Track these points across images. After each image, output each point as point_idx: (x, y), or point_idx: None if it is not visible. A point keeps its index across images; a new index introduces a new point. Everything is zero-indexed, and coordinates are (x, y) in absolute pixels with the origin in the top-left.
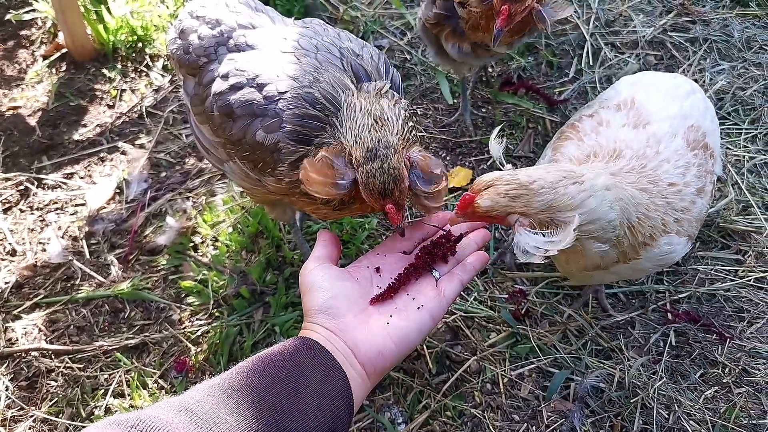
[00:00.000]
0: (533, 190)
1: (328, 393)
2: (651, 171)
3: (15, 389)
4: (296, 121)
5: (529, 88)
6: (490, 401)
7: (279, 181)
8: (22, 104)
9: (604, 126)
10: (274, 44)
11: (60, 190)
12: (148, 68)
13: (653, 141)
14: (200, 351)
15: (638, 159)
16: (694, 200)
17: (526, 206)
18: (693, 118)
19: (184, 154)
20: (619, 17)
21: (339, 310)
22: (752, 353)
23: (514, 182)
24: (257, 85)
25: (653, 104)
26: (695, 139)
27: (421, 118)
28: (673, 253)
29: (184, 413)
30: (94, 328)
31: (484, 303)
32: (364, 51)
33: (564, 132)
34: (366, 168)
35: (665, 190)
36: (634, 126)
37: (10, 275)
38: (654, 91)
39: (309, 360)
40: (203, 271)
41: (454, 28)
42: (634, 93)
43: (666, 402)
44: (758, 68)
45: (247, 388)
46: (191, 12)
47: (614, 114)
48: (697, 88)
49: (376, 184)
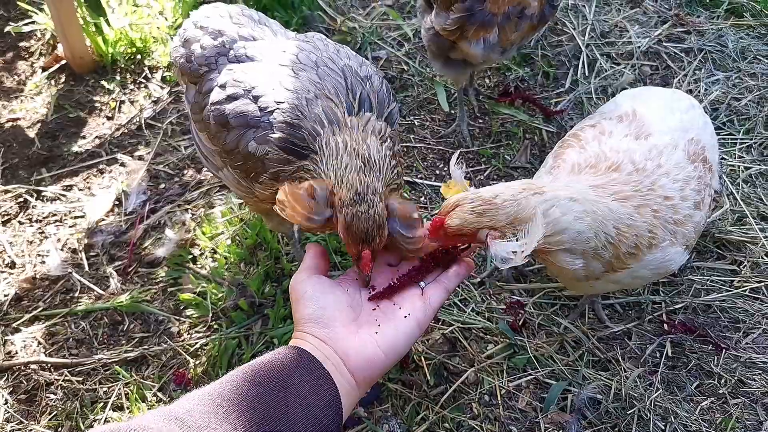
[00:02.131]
0: (497, 205)
1: (318, 403)
2: (648, 184)
3: (14, 402)
4: (287, 129)
5: (525, 98)
6: (488, 413)
7: (266, 189)
8: (21, 116)
9: (606, 135)
10: (273, 57)
11: (59, 202)
12: (147, 80)
13: (655, 153)
14: (199, 364)
15: (638, 173)
16: (691, 213)
17: (492, 220)
18: (693, 131)
19: (183, 166)
20: (614, 28)
21: (329, 319)
22: (748, 364)
23: (479, 199)
24: (252, 97)
25: (655, 116)
26: (695, 152)
27: (418, 129)
28: (670, 262)
29: (174, 422)
30: (94, 341)
31: (482, 314)
32: (364, 70)
33: (566, 141)
34: (351, 210)
35: (657, 202)
36: (636, 137)
37: (10, 288)
38: (654, 103)
39: (299, 369)
40: (202, 284)
41: (481, 20)
42: (635, 105)
43: (662, 413)
44: (753, 78)
45: (237, 398)
46: (195, 22)
47: (616, 125)
48: (695, 103)
49: (360, 228)
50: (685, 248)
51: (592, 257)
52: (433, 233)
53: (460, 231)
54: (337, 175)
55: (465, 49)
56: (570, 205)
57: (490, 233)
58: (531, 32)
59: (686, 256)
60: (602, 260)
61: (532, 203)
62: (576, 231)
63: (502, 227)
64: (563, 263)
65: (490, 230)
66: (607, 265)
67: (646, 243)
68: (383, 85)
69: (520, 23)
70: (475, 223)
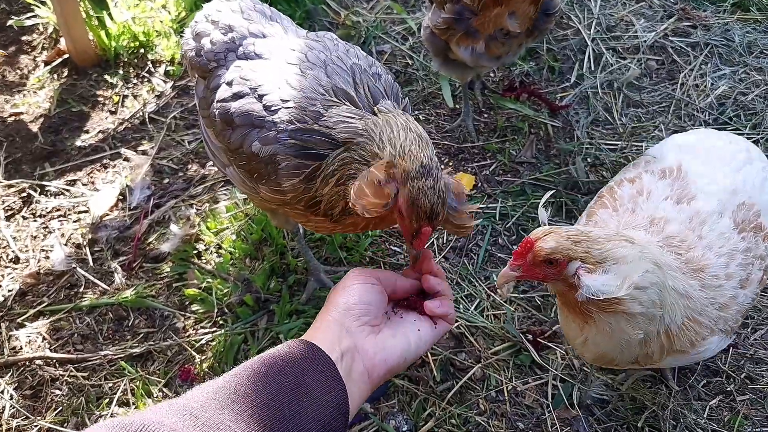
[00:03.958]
0: (593, 238)
1: (328, 403)
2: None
3: (19, 398)
4: (297, 135)
5: (531, 93)
6: (495, 408)
7: (274, 192)
8: (24, 110)
9: (643, 196)
10: (282, 55)
11: (63, 197)
12: (150, 74)
13: (696, 222)
14: (205, 359)
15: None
16: (735, 294)
17: (586, 252)
18: (746, 194)
19: (187, 161)
20: (620, 22)
21: (360, 312)
22: (756, 360)
23: (574, 229)
24: (258, 96)
25: (701, 175)
26: (745, 219)
27: (423, 124)
28: (705, 352)
29: (188, 417)
30: (99, 337)
31: (487, 312)
32: (374, 69)
33: (602, 196)
34: (417, 184)
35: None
36: (678, 200)
37: (14, 283)
38: (704, 156)
39: (313, 368)
40: (207, 279)
41: (466, 29)
42: (681, 158)
43: (672, 416)
44: (759, 73)
45: (251, 394)
46: (207, 15)
47: (657, 182)
48: (756, 153)
49: (425, 203)
50: (725, 334)
51: (636, 344)
52: (519, 256)
53: (551, 255)
54: (397, 147)
55: (456, 52)
56: (655, 269)
57: (582, 266)
58: (524, 41)
59: (725, 342)
60: (644, 350)
61: (625, 248)
62: (651, 299)
63: (593, 262)
64: (620, 328)
65: (582, 261)
66: (644, 358)
67: (700, 341)
68: (394, 84)
69: (507, 41)
70: (569, 250)
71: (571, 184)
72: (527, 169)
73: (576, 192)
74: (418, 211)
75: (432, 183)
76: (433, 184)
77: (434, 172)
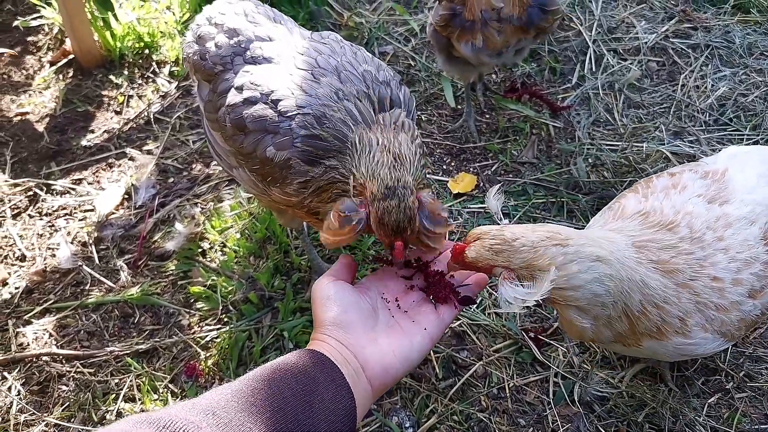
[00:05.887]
0: (515, 247)
1: (338, 410)
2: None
3: (27, 394)
4: (307, 141)
5: (532, 94)
6: (497, 405)
7: (286, 194)
8: (29, 110)
9: (677, 190)
10: (291, 60)
11: (69, 196)
12: (155, 74)
13: (721, 224)
14: (210, 356)
15: (690, 242)
16: (741, 300)
17: (507, 261)
18: None
19: (192, 160)
20: (621, 24)
21: (351, 324)
22: (755, 358)
23: (499, 237)
24: (271, 102)
25: (743, 184)
26: None
27: (425, 124)
28: (695, 347)
29: (211, 416)
30: (105, 333)
31: (489, 310)
32: (383, 75)
33: (638, 184)
34: (383, 204)
35: (701, 284)
36: (710, 200)
37: (21, 280)
38: (751, 168)
39: (323, 376)
40: (212, 277)
41: (462, 24)
42: (729, 164)
43: (672, 413)
44: (760, 74)
45: (269, 399)
46: (209, 18)
47: (696, 180)
48: None
49: (390, 220)
50: (721, 336)
51: (603, 324)
52: (454, 256)
53: (474, 263)
54: (368, 170)
55: (458, 48)
56: (592, 265)
57: (504, 273)
58: (521, 36)
59: (721, 344)
60: (613, 331)
61: (550, 254)
62: (592, 293)
63: (517, 269)
64: (572, 318)
65: (505, 269)
66: (618, 338)
67: (672, 330)
68: (402, 88)
69: (501, 26)
70: (489, 260)
71: (572, 184)
72: (529, 170)
73: (577, 192)
74: (385, 228)
75: (397, 202)
76: (398, 203)
77: (399, 191)
